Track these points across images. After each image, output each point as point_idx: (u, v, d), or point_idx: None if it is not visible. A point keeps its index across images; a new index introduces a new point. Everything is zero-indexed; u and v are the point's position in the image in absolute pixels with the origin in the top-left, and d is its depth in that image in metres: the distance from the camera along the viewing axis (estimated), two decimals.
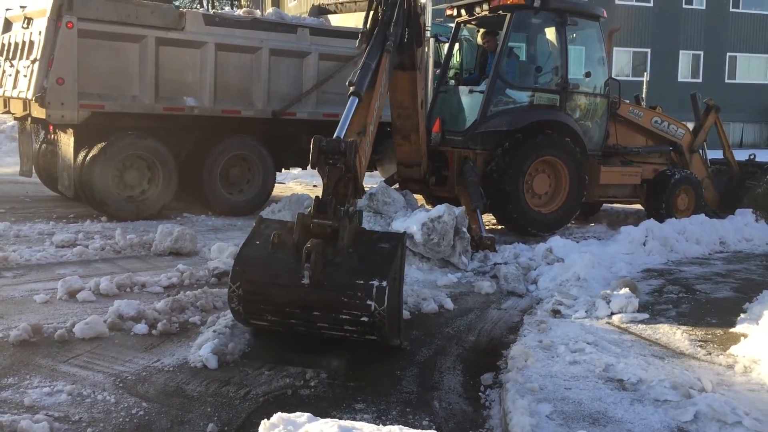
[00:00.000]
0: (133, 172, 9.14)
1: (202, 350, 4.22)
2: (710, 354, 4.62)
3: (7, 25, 10.46)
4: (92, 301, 5.36)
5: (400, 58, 7.01)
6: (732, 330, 5.13)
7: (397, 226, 6.82)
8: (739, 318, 5.34)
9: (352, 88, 5.77)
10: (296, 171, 13.69)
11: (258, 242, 4.42)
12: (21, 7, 9.90)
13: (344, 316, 4.17)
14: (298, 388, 3.93)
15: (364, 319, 4.13)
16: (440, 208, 6.70)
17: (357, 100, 5.65)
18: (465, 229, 6.91)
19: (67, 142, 9.13)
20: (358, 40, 6.81)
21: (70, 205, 9.97)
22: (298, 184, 14.34)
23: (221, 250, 6.89)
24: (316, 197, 4.50)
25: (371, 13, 6.72)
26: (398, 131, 8.46)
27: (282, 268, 4.23)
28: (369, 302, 4.09)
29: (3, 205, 9.86)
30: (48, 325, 4.70)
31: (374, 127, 5.91)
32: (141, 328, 4.72)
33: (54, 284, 5.62)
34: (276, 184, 10.78)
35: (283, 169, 11.37)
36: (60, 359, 4.19)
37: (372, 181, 12.44)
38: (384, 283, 4.10)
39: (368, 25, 6.66)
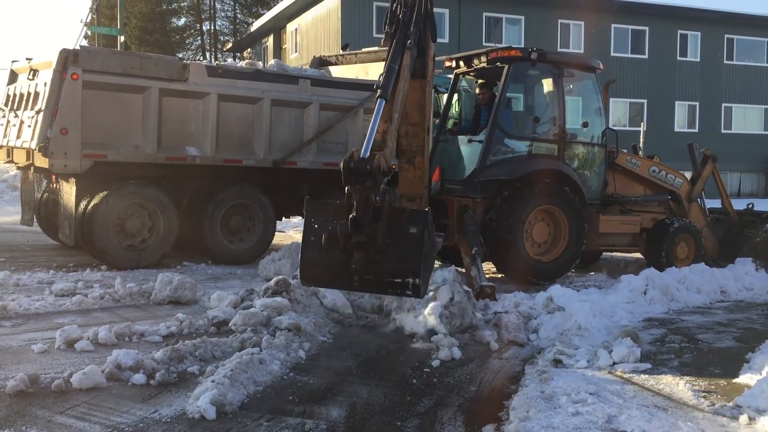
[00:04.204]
0: (134, 221, 9.17)
1: (200, 401, 4.17)
2: (714, 405, 4.57)
3: (13, 77, 10.63)
4: (90, 350, 5.32)
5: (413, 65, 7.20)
6: (735, 380, 5.09)
7: (410, 324, 6.35)
8: (742, 368, 5.30)
9: (379, 92, 6.19)
10: (296, 219, 13.72)
11: (312, 238, 5.28)
12: (27, 59, 10.09)
13: (391, 295, 5.82)
14: None
15: (404, 297, 5.69)
16: (445, 290, 6.41)
17: (384, 102, 6.10)
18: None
19: (69, 191, 9.18)
20: (382, 40, 7.27)
21: (70, 253, 9.97)
22: (298, 232, 14.33)
23: (221, 298, 6.86)
24: (351, 213, 5.09)
25: (390, 13, 7.04)
26: (404, 153, 8.35)
27: (336, 268, 5.17)
28: (407, 291, 5.13)
29: (3, 254, 9.86)
30: (45, 375, 4.66)
31: (399, 114, 6.55)
32: (139, 378, 4.67)
33: (52, 333, 5.59)
34: (276, 233, 10.80)
35: (283, 218, 11.42)
36: (57, 410, 4.14)
37: None
38: (417, 281, 5.08)
39: (389, 26, 6.98)
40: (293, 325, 5.76)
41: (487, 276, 8.51)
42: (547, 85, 9.75)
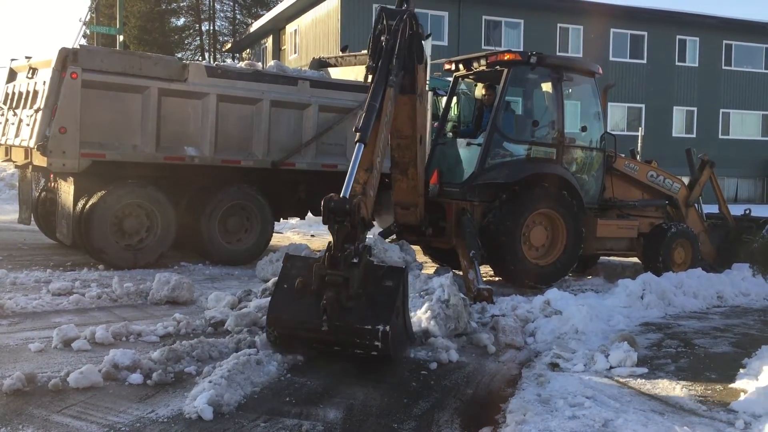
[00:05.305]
0: (132, 221, 9.14)
1: (197, 401, 4.17)
2: (710, 410, 4.58)
3: (12, 75, 10.63)
4: (87, 350, 5.31)
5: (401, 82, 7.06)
6: (731, 385, 5.10)
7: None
8: (738, 373, 5.32)
9: (358, 135, 6.03)
10: (294, 221, 13.73)
11: (286, 286, 5.31)
12: (26, 57, 10.08)
13: (357, 350, 5.18)
14: None
15: (374, 352, 5.13)
16: (441, 292, 6.32)
17: (363, 147, 5.95)
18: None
19: (67, 190, 9.17)
20: (364, 75, 6.99)
21: (67, 252, 9.96)
22: (296, 233, 14.37)
23: (218, 299, 6.87)
24: (328, 252, 5.17)
25: (372, 43, 6.88)
26: (396, 165, 8.37)
27: (306, 314, 5.13)
28: (376, 343, 5.05)
29: (1, 253, 9.84)
30: (42, 374, 4.65)
31: (382, 157, 6.39)
32: (136, 377, 4.67)
33: (49, 333, 5.58)
34: (274, 234, 10.80)
35: (281, 219, 11.41)
36: (53, 409, 4.14)
37: (369, 231, 12.47)
38: (387, 328, 4.99)
39: (372, 56, 6.84)
40: None
41: (485, 279, 8.52)
42: (546, 88, 9.77)
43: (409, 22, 7.05)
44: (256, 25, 36.20)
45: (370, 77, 6.76)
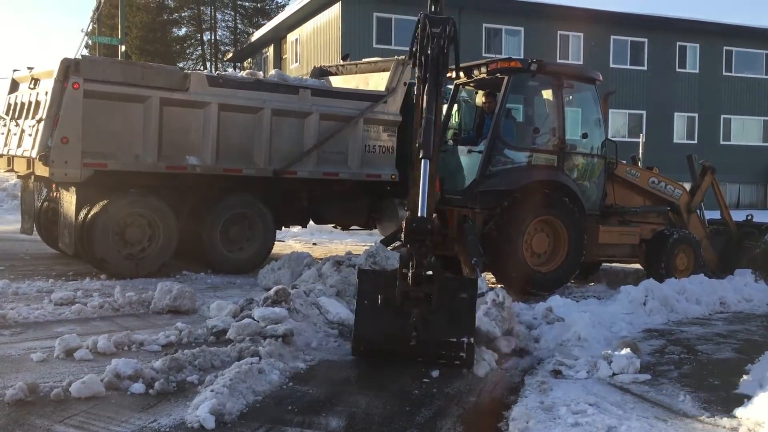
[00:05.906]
0: (134, 230, 9.15)
1: (199, 410, 4.16)
2: (714, 416, 4.57)
3: (14, 86, 10.66)
4: (89, 359, 5.31)
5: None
6: (735, 392, 5.08)
7: None
8: (741, 379, 5.31)
9: (422, 152, 6.08)
10: (296, 229, 13.73)
11: (366, 302, 5.62)
12: (28, 68, 10.11)
13: (442, 360, 5.50)
14: None
15: (457, 362, 5.47)
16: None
17: (429, 162, 6.05)
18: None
19: (69, 200, 9.19)
20: (416, 86, 6.94)
21: (69, 262, 9.96)
22: (298, 242, 14.36)
23: (220, 308, 6.85)
24: (410, 270, 5.43)
25: (418, 53, 6.83)
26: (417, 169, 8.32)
27: (393, 329, 5.47)
28: (461, 354, 5.44)
29: (3, 263, 9.84)
30: (44, 384, 4.64)
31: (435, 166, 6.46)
32: (138, 387, 4.66)
33: (51, 342, 5.57)
34: (276, 242, 10.79)
35: (282, 227, 11.41)
36: (56, 419, 4.13)
37: (371, 239, 12.48)
38: (471, 340, 5.45)
39: (417, 64, 6.76)
40: (288, 330, 5.75)
41: (487, 286, 8.50)
42: (547, 96, 9.79)
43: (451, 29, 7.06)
44: (257, 35, 36.32)
45: (420, 87, 6.71)
